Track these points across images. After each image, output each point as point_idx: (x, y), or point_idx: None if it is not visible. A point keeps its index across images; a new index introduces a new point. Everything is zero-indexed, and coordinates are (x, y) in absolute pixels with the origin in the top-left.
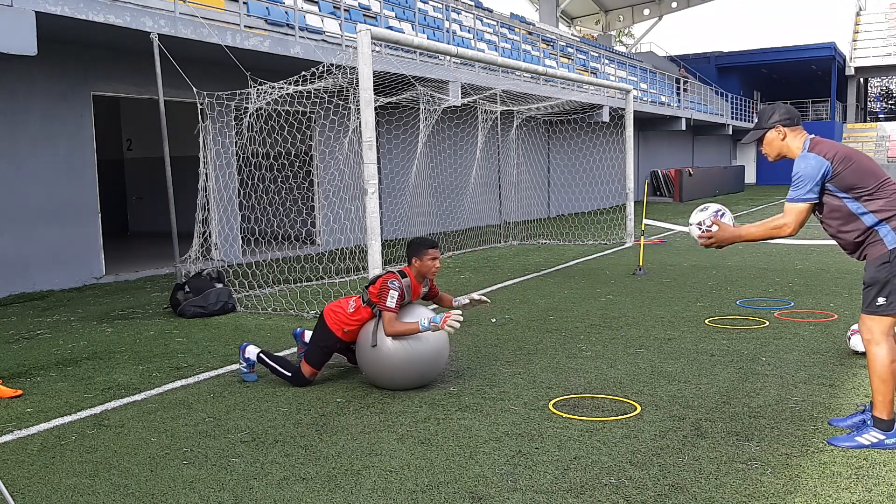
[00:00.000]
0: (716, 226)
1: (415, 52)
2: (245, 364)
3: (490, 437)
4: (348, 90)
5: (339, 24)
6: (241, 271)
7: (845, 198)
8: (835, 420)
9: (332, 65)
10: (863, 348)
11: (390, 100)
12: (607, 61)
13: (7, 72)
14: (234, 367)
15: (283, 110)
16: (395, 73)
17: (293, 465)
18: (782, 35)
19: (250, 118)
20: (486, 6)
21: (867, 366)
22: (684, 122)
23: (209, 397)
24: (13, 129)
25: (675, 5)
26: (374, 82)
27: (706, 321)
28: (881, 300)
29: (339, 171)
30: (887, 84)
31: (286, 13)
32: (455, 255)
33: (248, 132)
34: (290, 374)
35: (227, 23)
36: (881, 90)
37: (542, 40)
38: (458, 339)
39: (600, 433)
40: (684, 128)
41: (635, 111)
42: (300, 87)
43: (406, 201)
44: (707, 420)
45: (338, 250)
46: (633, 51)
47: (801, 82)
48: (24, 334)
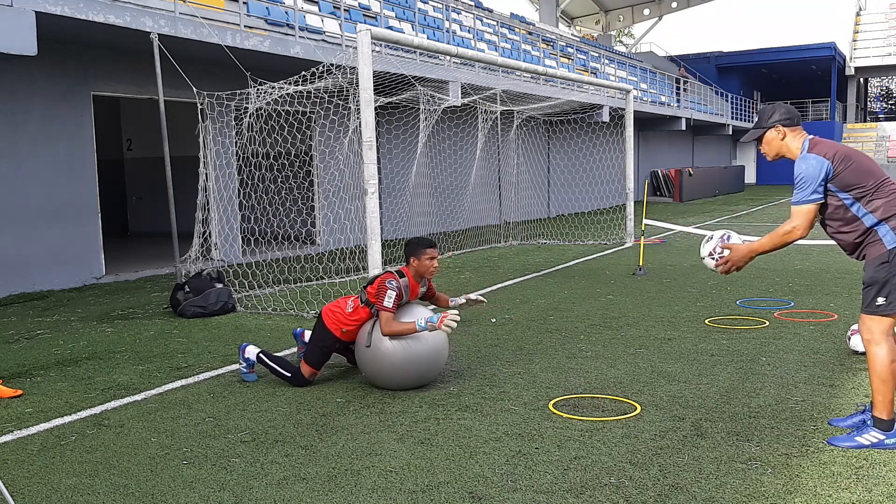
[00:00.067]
0: (727, 250)
1: (415, 52)
2: (245, 364)
3: (490, 437)
4: (348, 90)
5: (339, 24)
6: (241, 271)
7: (845, 198)
8: (835, 420)
9: (332, 65)
10: (863, 348)
11: (390, 100)
12: (607, 61)
13: (7, 72)
14: (234, 367)
15: (283, 110)
16: (395, 73)
17: (293, 465)
18: (782, 35)
19: (250, 118)
20: (486, 6)
21: (867, 366)
22: (684, 122)
23: (209, 397)
24: (13, 129)
25: (675, 5)
26: (374, 82)
27: (706, 321)
28: (881, 300)
29: (339, 171)
30: (887, 84)
31: (286, 13)
32: (455, 255)
33: (248, 132)
34: (290, 374)
35: (227, 23)
36: (881, 90)
37: (542, 40)
38: (458, 339)
39: (600, 433)
40: (684, 128)
41: (635, 111)
42: (300, 87)
43: (406, 201)
44: (707, 420)
45: (338, 250)
46: (633, 51)
47: (801, 82)
48: (24, 334)
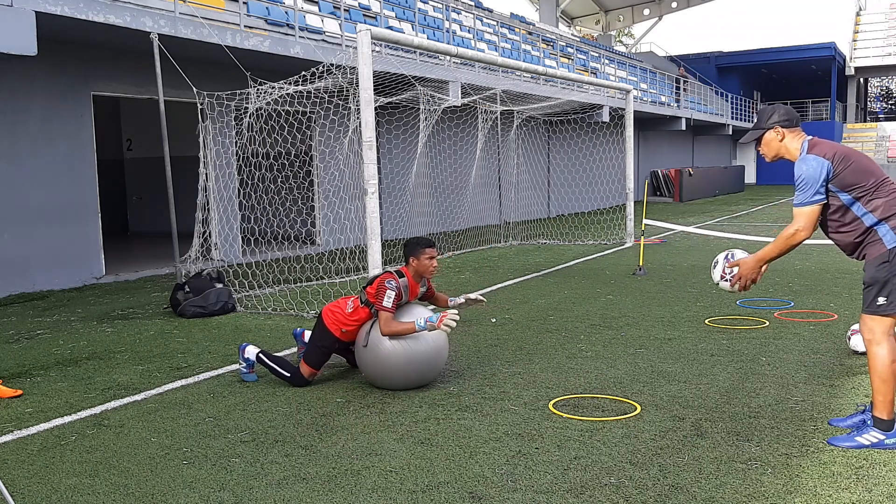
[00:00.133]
0: (735, 267)
1: (415, 52)
2: (245, 364)
3: (490, 437)
4: (348, 90)
5: (339, 24)
6: (241, 271)
7: (845, 198)
8: (835, 420)
9: (332, 65)
10: (863, 348)
11: (390, 100)
12: (607, 61)
13: (7, 72)
14: (234, 367)
15: (283, 110)
16: (395, 73)
17: (293, 465)
18: (782, 35)
19: (250, 118)
20: (486, 6)
21: (868, 365)
22: (684, 122)
23: (209, 397)
24: (13, 129)
25: (675, 5)
26: (374, 82)
27: (706, 321)
28: (881, 300)
29: (339, 171)
30: (887, 84)
31: (286, 13)
32: (455, 255)
33: (248, 132)
34: (289, 374)
35: (227, 23)
36: (881, 90)
37: (542, 40)
38: (458, 339)
39: (600, 433)
40: (684, 128)
41: (635, 111)
42: (300, 87)
43: (406, 201)
44: (707, 420)
45: (338, 250)
46: (633, 51)
47: (801, 82)
48: (24, 334)
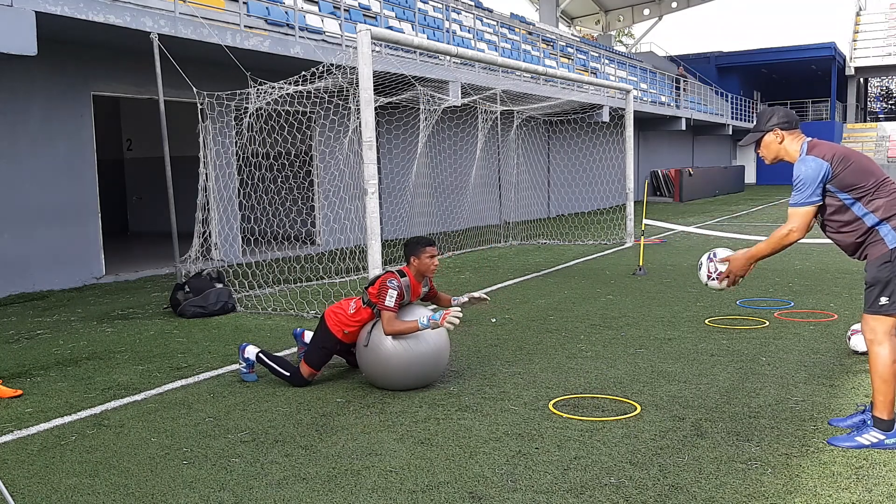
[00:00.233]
0: (722, 264)
1: (415, 52)
2: (245, 364)
3: (490, 437)
4: (348, 90)
5: (339, 24)
6: (241, 271)
7: (845, 198)
8: (835, 420)
9: (332, 65)
10: (863, 348)
11: (390, 100)
12: (607, 61)
13: (7, 72)
14: (234, 367)
15: (283, 110)
16: (395, 73)
17: (293, 465)
18: (782, 35)
19: (250, 118)
20: (486, 6)
21: (868, 365)
22: (684, 122)
23: (209, 397)
24: (13, 129)
25: (675, 5)
26: (374, 82)
27: (706, 321)
28: (884, 300)
29: (339, 171)
30: (887, 84)
31: (286, 13)
32: (455, 255)
33: (248, 132)
34: (289, 373)
35: (227, 23)
36: (881, 90)
37: (542, 40)
38: (458, 339)
39: (600, 433)
40: (684, 128)
41: (635, 111)
42: (300, 87)
43: (406, 201)
44: (707, 420)
45: (338, 250)
46: (633, 51)
47: (801, 82)
48: (24, 334)
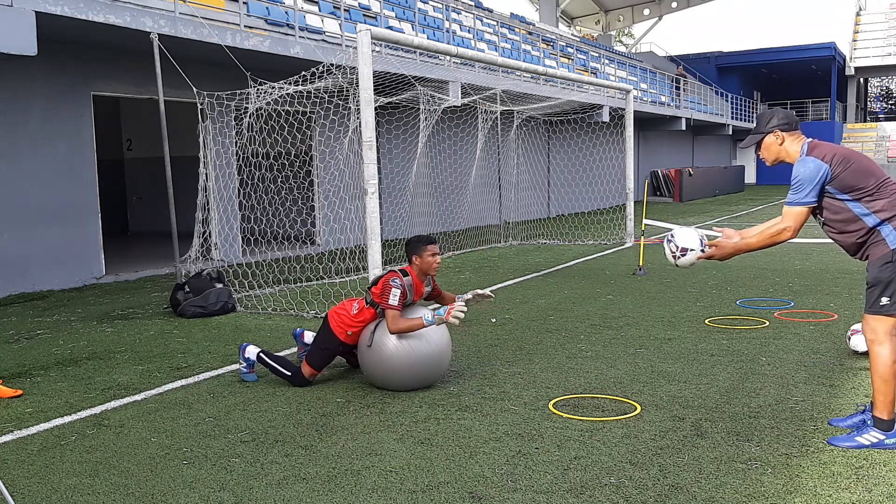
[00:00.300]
0: (684, 239)
1: (415, 52)
2: (245, 364)
3: (490, 437)
4: (348, 90)
5: (339, 24)
6: (241, 271)
7: (846, 199)
8: (835, 420)
9: (332, 65)
10: (863, 348)
11: (390, 100)
12: (607, 61)
13: (7, 72)
14: (234, 367)
15: (283, 110)
16: (395, 73)
17: (293, 465)
18: (782, 35)
19: (250, 118)
20: (486, 6)
21: (869, 365)
22: (684, 122)
23: (209, 397)
24: (13, 129)
25: (675, 5)
26: (374, 82)
27: (706, 321)
28: (885, 300)
29: (339, 171)
30: (887, 84)
31: (286, 13)
32: (455, 255)
33: (248, 132)
34: (290, 373)
35: (227, 23)
36: (881, 90)
37: (542, 40)
38: (458, 339)
39: (600, 433)
40: (684, 128)
41: (635, 111)
42: (300, 87)
43: (406, 201)
44: (707, 420)
45: (338, 250)
46: (632, 51)
47: (801, 82)
48: (24, 334)
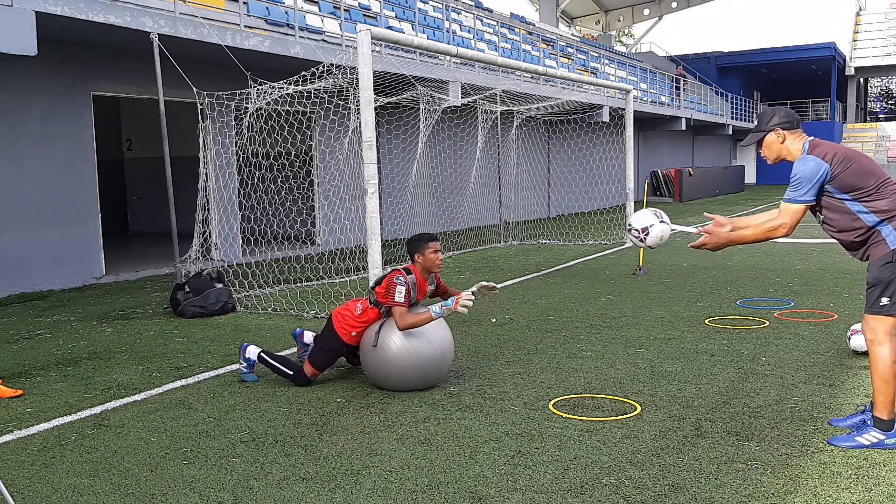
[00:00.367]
0: (641, 221)
1: (415, 52)
2: (245, 364)
3: (490, 437)
4: (348, 90)
5: (339, 24)
6: (241, 271)
7: (846, 199)
8: (835, 420)
9: (332, 65)
10: (863, 348)
11: (390, 100)
12: (607, 61)
13: (7, 72)
14: (234, 367)
15: (283, 110)
16: (395, 73)
17: (293, 465)
18: (782, 35)
19: (250, 118)
20: (486, 6)
21: (869, 365)
22: (684, 122)
23: (209, 397)
24: (13, 129)
25: (675, 5)
26: (374, 82)
27: (706, 321)
28: (885, 300)
29: (339, 171)
30: (887, 84)
31: (286, 13)
32: (455, 255)
33: (248, 132)
34: (293, 372)
35: (227, 23)
36: (881, 90)
37: (542, 40)
38: (458, 339)
39: (600, 433)
40: (684, 128)
41: (635, 111)
42: (300, 87)
43: (406, 201)
44: (707, 420)
45: (338, 250)
46: (632, 51)
47: (801, 82)
48: (24, 334)
